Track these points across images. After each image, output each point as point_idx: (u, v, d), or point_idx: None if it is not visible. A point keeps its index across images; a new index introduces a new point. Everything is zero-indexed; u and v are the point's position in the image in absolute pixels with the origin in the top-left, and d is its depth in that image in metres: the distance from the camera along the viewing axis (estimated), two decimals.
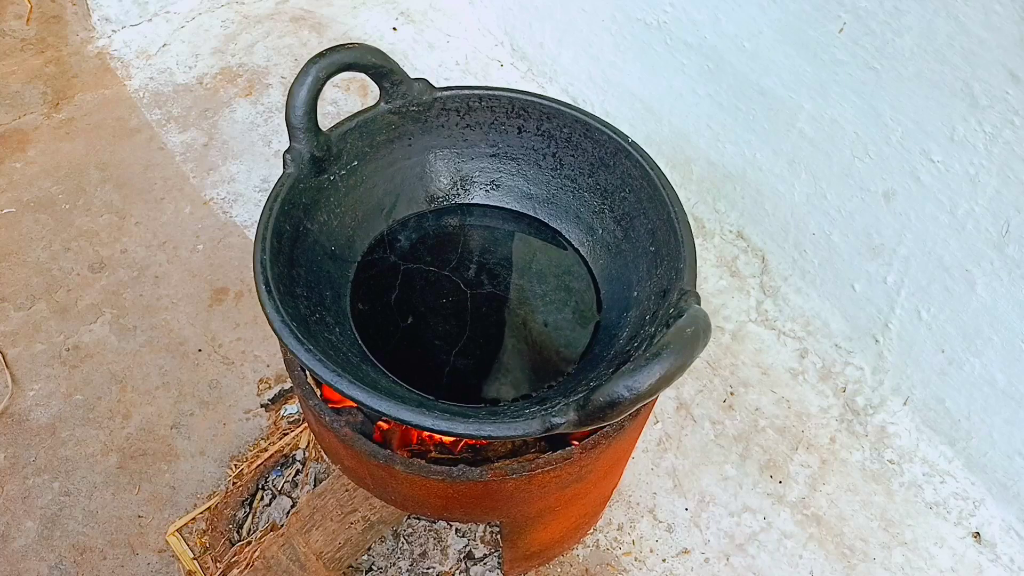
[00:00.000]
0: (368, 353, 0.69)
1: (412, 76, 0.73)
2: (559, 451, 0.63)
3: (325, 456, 1.04)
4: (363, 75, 0.70)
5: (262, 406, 1.13)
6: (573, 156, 0.77)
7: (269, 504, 1.02)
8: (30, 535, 1.00)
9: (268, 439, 1.09)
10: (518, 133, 0.78)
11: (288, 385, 1.14)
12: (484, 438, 0.57)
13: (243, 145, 1.46)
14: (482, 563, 0.97)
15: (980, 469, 1.03)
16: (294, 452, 1.06)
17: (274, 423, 1.11)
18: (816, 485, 1.06)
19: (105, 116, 1.52)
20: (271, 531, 0.97)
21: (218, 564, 0.97)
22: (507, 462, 0.63)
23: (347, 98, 1.54)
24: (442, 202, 0.81)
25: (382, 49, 0.71)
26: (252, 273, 0.62)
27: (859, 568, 0.99)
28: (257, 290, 0.60)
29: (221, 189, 1.40)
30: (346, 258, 0.75)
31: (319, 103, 0.65)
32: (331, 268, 0.73)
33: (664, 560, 1.00)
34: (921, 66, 0.86)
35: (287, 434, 1.08)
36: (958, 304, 0.96)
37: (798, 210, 1.13)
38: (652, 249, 0.69)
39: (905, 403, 1.09)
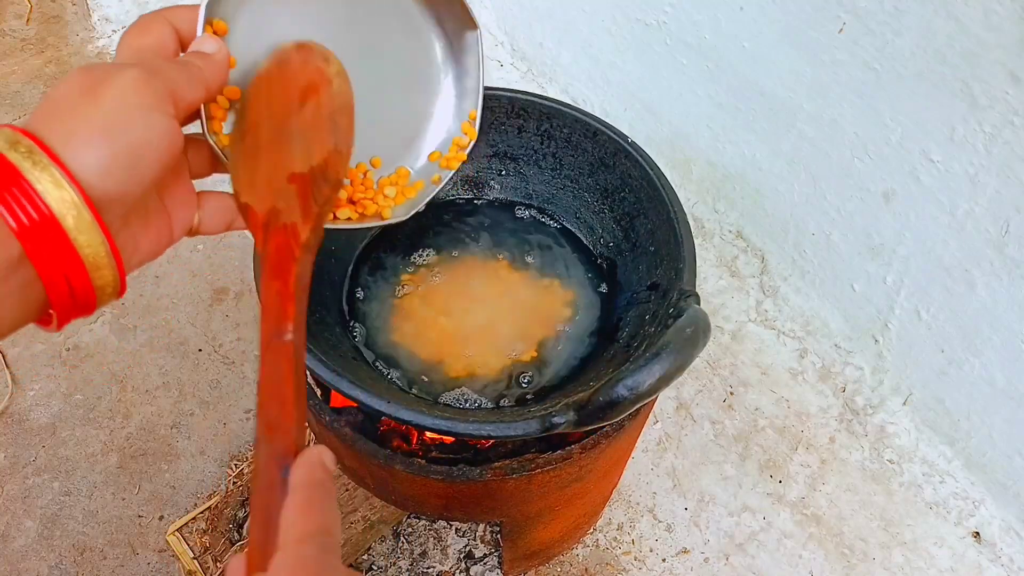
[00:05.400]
0: (368, 353, 0.69)
1: None
2: (559, 451, 0.63)
3: None
4: None
5: None
6: (573, 156, 0.77)
7: None
8: (30, 535, 1.00)
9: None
10: (518, 133, 0.78)
11: None
12: (484, 438, 0.57)
13: None
14: (482, 563, 0.97)
15: (980, 469, 1.03)
16: None
17: None
18: (816, 485, 1.06)
19: None
20: None
21: (218, 564, 0.97)
22: (507, 462, 0.63)
23: None
24: (441, 202, 0.81)
25: None
26: (252, 273, 0.62)
27: (859, 568, 0.99)
28: (257, 290, 0.60)
29: (221, 188, 1.40)
30: (345, 257, 0.75)
31: None
32: (331, 267, 0.73)
33: (664, 560, 1.00)
34: (921, 66, 0.86)
35: None
36: (958, 304, 0.96)
37: (798, 210, 1.13)
38: (652, 249, 0.69)
39: (905, 403, 1.09)
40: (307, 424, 0.35)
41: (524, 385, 0.68)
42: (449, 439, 0.68)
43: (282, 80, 0.44)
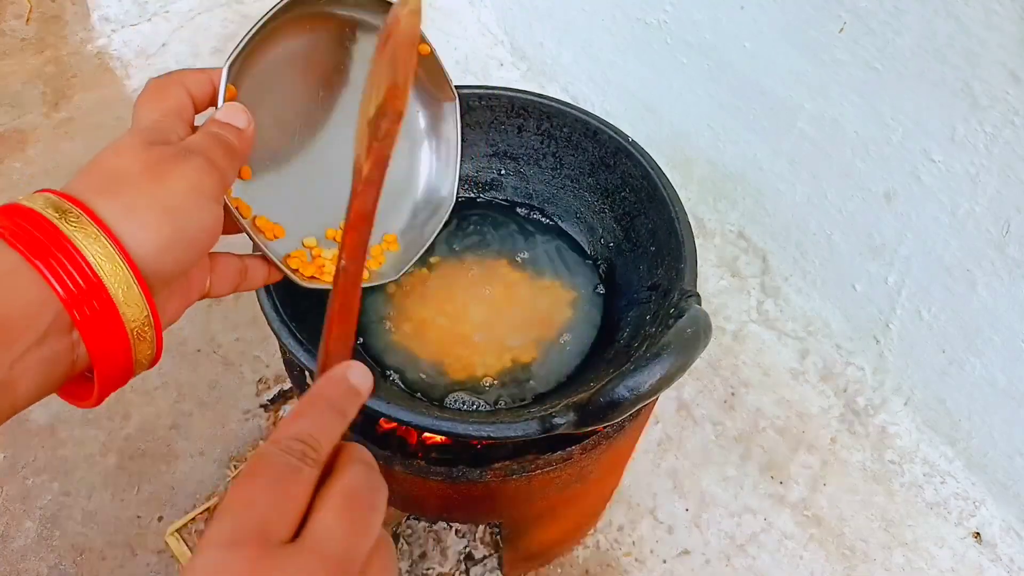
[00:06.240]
0: (366, 354, 0.69)
1: None
2: (559, 452, 0.63)
3: None
4: None
5: (261, 406, 1.13)
6: (573, 156, 0.76)
7: None
8: (29, 535, 1.00)
9: (267, 440, 1.09)
10: (518, 132, 0.78)
11: (288, 385, 1.14)
12: (484, 439, 0.57)
13: None
14: (482, 564, 0.97)
15: (980, 469, 1.03)
16: None
17: (273, 423, 1.11)
18: (817, 486, 1.06)
19: (105, 116, 1.51)
20: None
21: None
22: (507, 463, 0.62)
23: None
24: None
25: None
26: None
27: (859, 568, 0.99)
28: (256, 290, 0.60)
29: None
30: None
31: None
32: None
33: (665, 561, 1.00)
34: (921, 66, 0.86)
35: None
36: (959, 304, 0.96)
37: (799, 210, 1.13)
38: (652, 249, 0.69)
39: (906, 403, 1.09)
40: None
41: (524, 385, 0.68)
42: (448, 440, 0.67)
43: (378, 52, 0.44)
